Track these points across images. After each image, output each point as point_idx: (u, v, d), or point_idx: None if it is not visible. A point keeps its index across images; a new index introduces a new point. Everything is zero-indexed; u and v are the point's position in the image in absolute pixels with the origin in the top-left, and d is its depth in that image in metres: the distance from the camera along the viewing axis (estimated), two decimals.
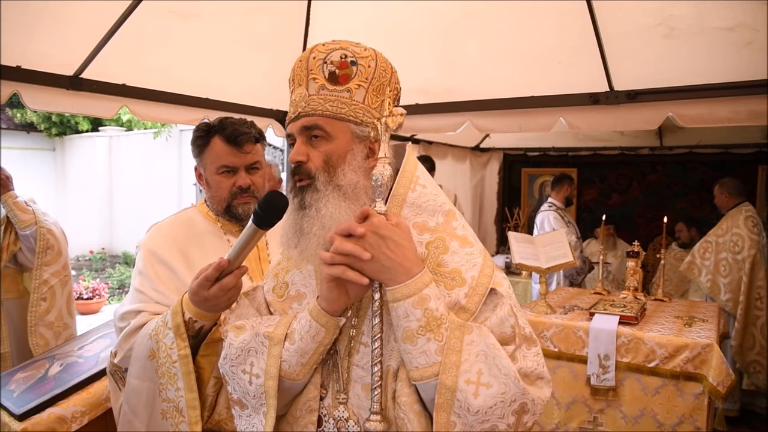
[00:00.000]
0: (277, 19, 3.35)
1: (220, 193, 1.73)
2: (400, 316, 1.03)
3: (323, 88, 1.12)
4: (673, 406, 2.80)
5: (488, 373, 0.99)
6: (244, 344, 1.18)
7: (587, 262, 5.12)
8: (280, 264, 1.30)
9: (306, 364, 1.14)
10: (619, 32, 2.89)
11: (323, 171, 1.12)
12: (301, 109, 1.14)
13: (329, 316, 1.09)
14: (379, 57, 1.15)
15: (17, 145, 11.83)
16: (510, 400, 0.99)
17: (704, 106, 2.96)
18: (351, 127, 1.13)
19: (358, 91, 1.13)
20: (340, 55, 1.12)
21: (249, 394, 1.17)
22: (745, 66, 2.76)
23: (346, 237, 1.04)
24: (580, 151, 6.73)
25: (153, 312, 1.61)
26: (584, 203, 7.07)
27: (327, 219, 1.10)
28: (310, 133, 1.13)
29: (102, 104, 3.01)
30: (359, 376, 1.15)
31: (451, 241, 1.14)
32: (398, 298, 1.03)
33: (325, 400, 1.17)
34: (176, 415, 1.49)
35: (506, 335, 1.07)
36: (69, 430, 1.90)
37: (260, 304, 1.30)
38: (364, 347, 1.15)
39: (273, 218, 1.25)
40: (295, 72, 1.18)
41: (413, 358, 1.03)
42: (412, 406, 1.05)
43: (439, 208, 1.17)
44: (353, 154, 1.13)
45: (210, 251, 1.70)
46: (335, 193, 1.11)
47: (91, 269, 11.06)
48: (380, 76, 1.14)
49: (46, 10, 2.50)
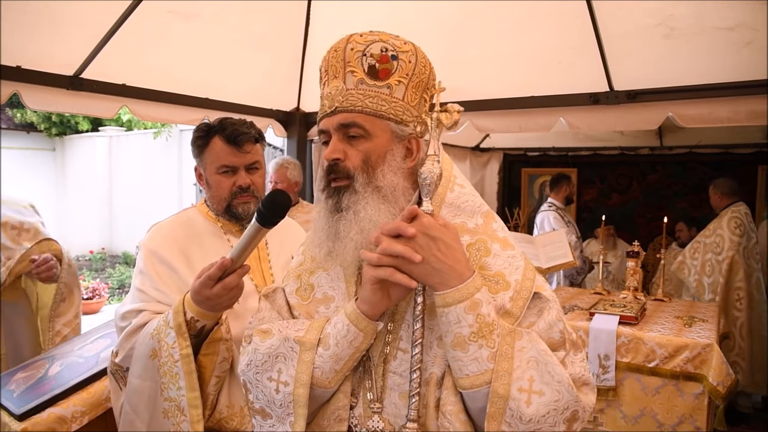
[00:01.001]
0: (277, 19, 3.35)
1: (220, 193, 1.73)
2: (450, 321, 0.98)
3: (362, 83, 1.06)
4: (673, 406, 2.80)
5: (540, 380, 0.95)
6: (271, 350, 1.10)
7: (587, 261, 5.12)
8: (303, 265, 1.23)
9: (340, 371, 1.07)
10: (619, 32, 2.89)
11: (362, 171, 1.06)
12: (338, 103, 1.06)
13: (368, 320, 1.04)
14: (419, 52, 1.09)
15: (17, 145, 11.83)
16: (563, 408, 0.95)
17: (704, 106, 2.96)
18: (391, 125, 1.07)
19: (398, 88, 1.07)
20: (381, 48, 1.05)
21: (275, 403, 1.10)
22: (745, 66, 2.76)
23: (394, 237, 0.98)
24: (580, 151, 6.73)
25: (154, 311, 1.61)
26: (584, 203, 7.06)
27: (366, 223, 1.04)
28: (347, 131, 1.07)
29: (102, 104, 3.02)
30: (397, 384, 1.08)
31: (492, 244, 1.09)
32: (449, 302, 0.97)
33: (356, 410, 1.10)
34: (178, 414, 1.49)
35: (554, 340, 1.03)
36: (69, 430, 1.90)
37: (281, 307, 1.23)
38: (402, 353, 1.08)
39: (276, 217, 1.25)
40: (329, 62, 1.09)
41: (464, 365, 0.98)
42: (458, 415, 1.00)
43: (478, 209, 1.13)
44: (392, 154, 1.07)
45: (210, 251, 1.70)
46: (374, 195, 1.05)
47: (91, 269, 11.06)
48: (420, 72, 1.08)
49: (46, 10, 2.50)
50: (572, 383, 0.97)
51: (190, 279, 1.63)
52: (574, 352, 1.05)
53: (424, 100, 1.11)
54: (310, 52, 3.65)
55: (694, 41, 2.80)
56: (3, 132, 11.23)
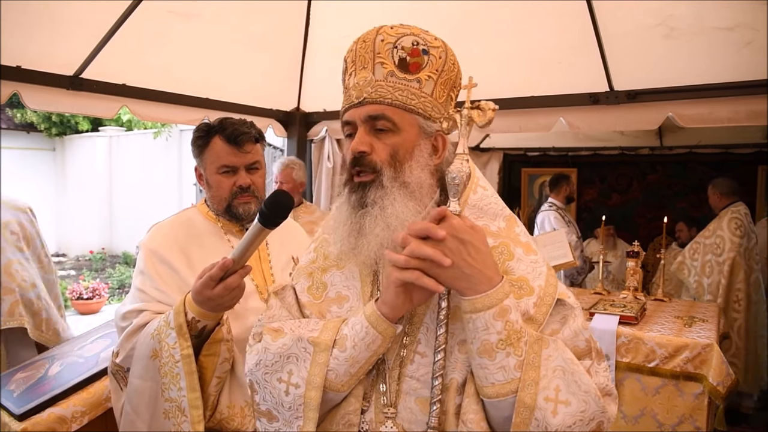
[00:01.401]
0: (277, 19, 3.35)
1: (221, 193, 1.73)
2: (478, 328, 0.94)
3: (392, 75, 1.03)
4: (673, 406, 2.80)
5: (566, 390, 0.93)
6: (283, 350, 1.06)
7: (588, 261, 5.12)
8: (315, 262, 1.19)
9: (355, 374, 1.04)
10: (619, 32, 2.89)
11: (389, 166, 1.03)
12: (366, 94, 1.03)
13: (389, 322, 1.00)
14: (448, 49, 1.08)
15: (17, 145, 11.83)
16: (589, 419, 0.92)
17: (704, 106, 2.96)
18: (419, 120, 1.04)
19: (427, 83, 1.04)
20: (413, 42, 1.03)
21: (283, 406, 1.06)
22: (745, 66, 2.75)
23: (423, 239, 0.94)
24: (580, 151, 6.72)
25: (155, 311, 1.60)
26: (584, 203, 7.06)
27: (392, 219, 1.01)
28: (375, 124, 1.04)
29: (102, 104, 3.01)
30: (413, 389, 1.05)
31: (515, 248, 1.06)
32: (478, 308, 0.94)
33: (367, 414, 1.06)
34: (179, 414, 1.49)
35: (580, 349, 1.00)
36: (69, 430, 1.90)
37: (291, 305, 1.19)
38: (420, 357, 1.05)
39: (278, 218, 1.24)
40: (357, 53, 1.07)
41: (490, 374, 0.94)
42: (480, 423, 0.97)
43: (501, 212, 1.10)
44: (420, 150, 1.05)
45: (210, 251, 1.70)
46: (402, 191, 1.02)
47: (91, 269, 11.06)
48: (449, 69, 1.07)
49: (46, 10, 2.50)
50: (599, 393, 0.94)
51: (191, 279, 1.63)
52: (598, 362, 1.02)
53: (450, 98, 1.09)
54: (310, 52, 3.65)
55: (694, 41, 2.80)
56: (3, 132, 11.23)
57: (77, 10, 2.60)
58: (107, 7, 2.64)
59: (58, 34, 2.65)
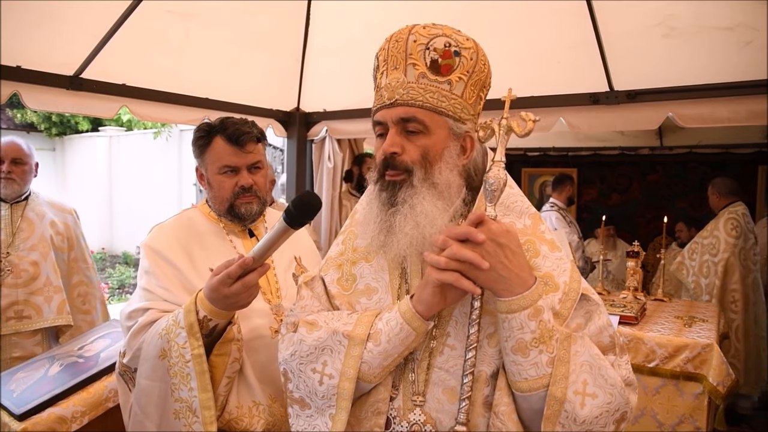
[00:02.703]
0: (277, 19, 3.35)
1: (223, 194, 1.72)
2: (513, 327, 0.98)
3: (423, 77, 1.05)
4: (673, 406, 2.80)
5: (593, 383, 0.98)
6: (318, 342, 1.11)
7: (588, 262, 5.12)
8: (344, 254, 1.23)
9: (387, 366, 1.08)
10: (619, 32, 2.89)
11: (420, 166, 1.06)
12: (398, 96, 1.06)
13: (422, 320, 1.04)
14: (479, 50, 1.09)
15: None
16: (614, 410, 0.98)
17: (704, 106, 2.96)
18: (449, 122, 1.07)
19: (458, 84, 1.07)
20: (444, 43, 1.05)
21: (316, 394, 1.11)
22: (745, 66, 2.75)
23: (462, 242, 0.98)
24: (580, 151, 6.73)
25: (161, 309, 1.59)
26: (584, 203, 7.06)
27: (422, 218, 1.05)
28: (406, 126, 1.06)
29: (102, 104, 3.02)
30: (441, 379, 1.09)
31: (541, 245, 1.10)
32: (514, 309, 0.98)
33: (395, 402, 1.11)
34: (189, 415, 1.48)
35: (604, 344, 1.05)
36: (69, 430, 1.90)
37: (320, 295, 1.23)
38: (449, 350, 1.09)
39: (305, 218, 1.23)
40: (390, 53, 1.08)
41: (523, 369, 0.99)
42: (511, 416, 1.01)
43: (526, 210, 1.14)
44: (449, 152, 1.08)
45: (213, 251, 1.70)
46: (431, 191, 1.06)
47: None
48: (480, 70, 1.09)
49: (46, 10, 2.50)
50: (624, 387, 0.99)
51: (194, 279, 1.62)
52: (621, 356, 1.07)
53: (480, 98, 1.12)
54: (310, 52, 3.65)
55: (693, 41, 2.80)
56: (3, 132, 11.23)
57: (77, 10, 2.60)
58: (107, 7, 2.64)
59: (58, 34, 2.66)
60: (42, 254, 2.80)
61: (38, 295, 2.77)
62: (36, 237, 2.81)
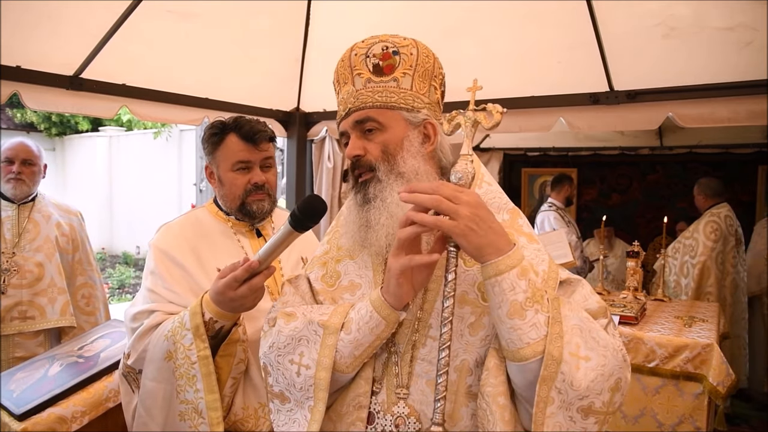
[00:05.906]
0: (277, 20, 3.35)
1: (235, 191, 1.72)
2: (505, 289, 0.96)
3: (370, 81, 1.13)
4: (673, 406, 2.80)
5: (585, 346, 0.96)
6: (295, 332, 1.12)
7: (587, 261, 5.12)
8: (329, 253, 1.28)
9: (358, 357, 1.09)
10: (619, 32, 2.89)
11: (383, 161, 1.12)
12: (350, 104, 1.14)
13: (392, 308, 1.05)
14: (419, 44, 1.15)
15: None
16: (609, 374, 0.96)
17: (704, 106, 2.96)
18: (403, 114, 1.13)
19: (404, 79, 1.13)
20: (382, 47, 1.12)
21: (294, 387, 1.12)
22: (745, 66, 2.75)
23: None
24: (580, 151, 6.72)
25: (167, 312, 1.59)
26: (584, 203, 7.06)
27: (394, 207, 1.09)
28: (363, 127, 1.13)
29: (102, 104, 3.01)
30: (425, 371, 1.10)
31: (519, 237, 1.13)
32: (502, 270, 0.96)
33: (379, 396, 1.12)
34: (195, 416, 1.48)
35: (593, 309, 1.06)
36: (69, 430, 1.90)
37: (305, 293, 1.25)
38: (432, 341, 1.10)
39: (311, 222, 1.23)
40: (339, 72, 1.18)
41: (524, 333, 0.96)
42: (496, 398, 1.00)
43: (504, 206, 1.17)
44: (410, 141, 1.13)
45: (221, 251, 1.70)
46: (398, 181, 1.10)
47: None
48: (424, 62, 1.14)
49: (46, 10, 2.50)
50: (616, 348, 0.99)
51: (202, 279, 1.62)
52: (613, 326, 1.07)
53: (433, 87, 1.17)
54: (310, 52, 3.65)
55: (693, 41, 2.80)
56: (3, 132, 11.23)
57: (77, 10, 2.60)
58: (107, 7, 2.64)
59: (58, 34, 2.65)
60: (47, 255, 2.82)
61: (42, 296, 2.78)
62: (41, 238, 2.84)
